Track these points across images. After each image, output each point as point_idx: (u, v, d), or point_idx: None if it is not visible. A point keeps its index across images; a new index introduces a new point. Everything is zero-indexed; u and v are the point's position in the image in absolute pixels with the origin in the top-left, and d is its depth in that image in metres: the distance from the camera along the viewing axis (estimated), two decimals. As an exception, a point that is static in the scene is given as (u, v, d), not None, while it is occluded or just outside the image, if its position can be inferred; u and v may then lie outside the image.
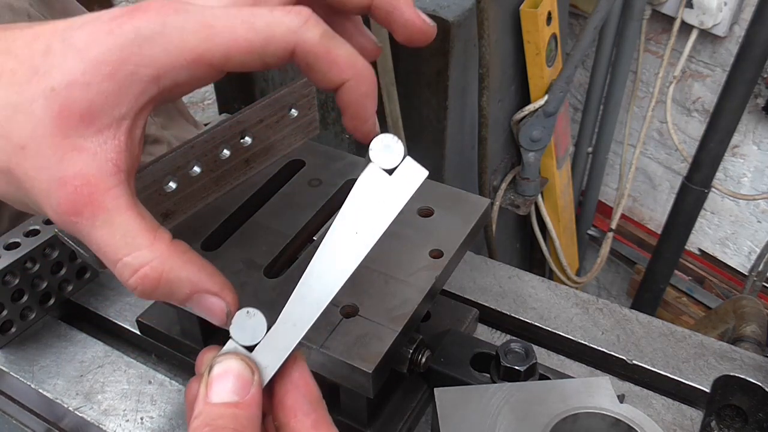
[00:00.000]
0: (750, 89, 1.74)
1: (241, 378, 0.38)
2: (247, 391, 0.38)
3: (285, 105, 0.72)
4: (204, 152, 0.65)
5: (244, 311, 0.41)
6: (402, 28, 0.46)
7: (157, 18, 0.38)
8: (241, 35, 0.38)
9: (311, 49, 0.40)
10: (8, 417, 0.77)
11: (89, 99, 0.37)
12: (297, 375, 0.41)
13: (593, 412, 0.54)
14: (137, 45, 0.37)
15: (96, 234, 0.38)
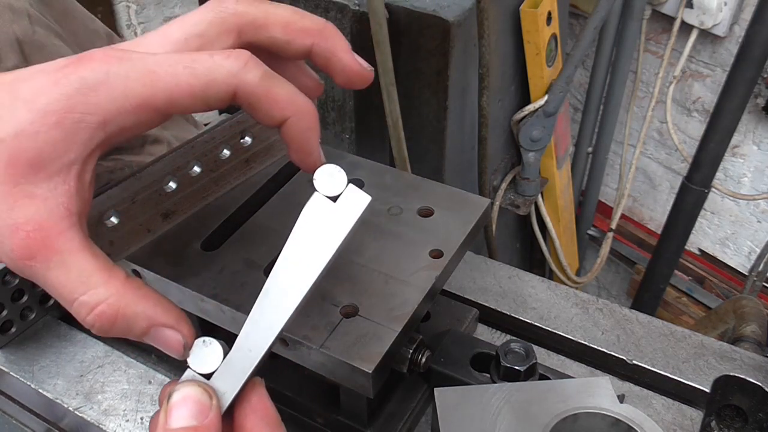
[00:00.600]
0: (750, 89, 1.74)
1: (199, 403, 0.40)
2: (205, 415, 0.39)
3: (285, 105, 0.71)
4: (204, 152, 0.65)
5: (200, 341, 0.42)
6: (341, 73, 0.49)
7: (101, 67, 0.39)
8: (183, 80, 0.40)
9: (252, 90, 0.42)
10: (8, 417, 0.77)
11: (38, 147, 0.39)
12: (255, 399, 0.42)
13: (593, 412, 0.54)
14: (82, 94, 0.39)
15: (51, 276, 0.39)
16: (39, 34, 0.84)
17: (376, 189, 0.72)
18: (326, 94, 1.46)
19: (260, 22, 0.46)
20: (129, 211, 0.60)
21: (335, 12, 1.33)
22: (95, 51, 0.41)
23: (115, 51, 0.41)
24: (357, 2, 1.30)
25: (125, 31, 2.21)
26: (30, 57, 0.84)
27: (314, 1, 1.34)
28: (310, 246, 0.44)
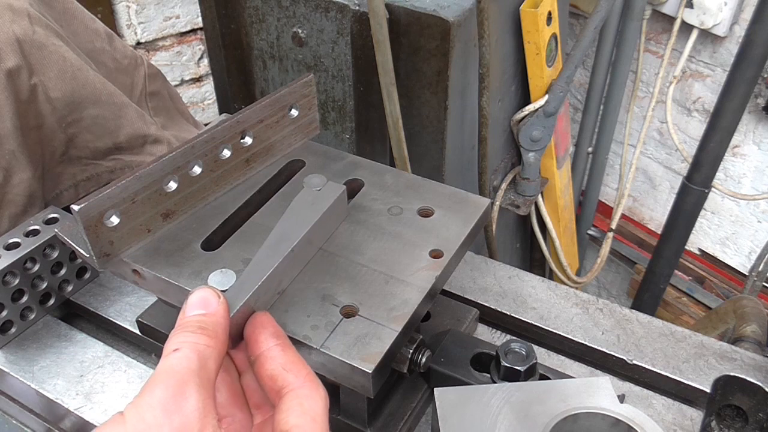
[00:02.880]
0: (750, 89, 1.74)
1: (207, 299, 0.48)
2: (213, 307, 0.47)
3: (285, 105, 0.72)
4: (204, 152, 0.65)
5: (219, 271, 0.57)
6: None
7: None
8: None
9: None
10: (8, 417, 0.77)
11: None
12: (265, 318, 0.50)
13: (593, 412, 0.54)
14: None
15: None
16: (39, 34, 0.84)
17: (376, 189, 0.72)
18: (326, 94, 1.46)
19: None
20: (129, 211, 0.60)
21: (335, 12, 1.33)
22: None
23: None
24: (357, 2, 1.30)
25: (125, 31, 2.21)
26: (30, 57, 0.84)
27: (314, 1, 1.34)
28: (301, 214, 0.62)
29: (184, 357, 0.43)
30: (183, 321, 0.47)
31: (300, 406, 0.44)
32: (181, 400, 0.40)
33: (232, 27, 1.51)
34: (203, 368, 0.43)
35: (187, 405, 0.40)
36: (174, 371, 0.42)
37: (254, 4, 1.44)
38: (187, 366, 0.42)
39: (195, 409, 0.40)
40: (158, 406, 0.40)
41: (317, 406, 0.45)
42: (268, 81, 1.55)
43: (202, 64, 2.46)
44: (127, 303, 0.82)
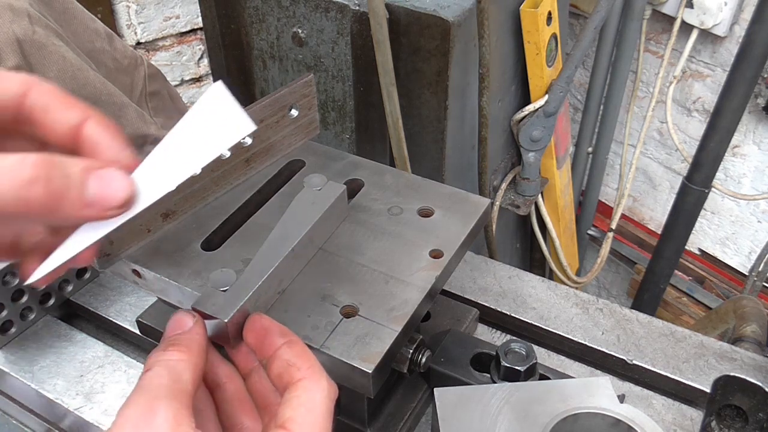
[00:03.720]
0: (750, 89, 1.74)
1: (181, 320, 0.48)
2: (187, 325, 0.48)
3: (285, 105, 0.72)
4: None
5: (218, 271, 0.55)
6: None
7: None
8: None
9: (49, 91, 0.42)
10: (8, 417, 0.77)
11: None
12: (266, 322, 0.50)
13: (593, 412, 0.54)
14: None
15: None
16: (39, 34, 0.84)
17: (376, 189, 0.72)
18: (326, 94, 1.46)
19: None
20: (129, 211, 0.60)
21: (335, 12, 1.33)
22: None
23: None
24: (357, 2, 1.30)
25: (125, 31, 2.21)
26: (30, 57, 0.84)
27: (314, 1, 1.34)
28: (301, 214, 0.62)
29: (155, 374, 0.43)
30: (161, 343, 0.47)
31: (296, 398, 0.44)
32: (151, 415, 0.40)
33: (232, 27, 1.51)
34: (176, 381, 0.43)
35: (156, 419, 0.40)
36: (144, 389, 0.42)
37: (254, 4, 1.44)
38: (158, 382, 0.42)
39: (165, 420, 0.40)
40: (129, 424, 0.40)
41: (315, 397, 0.44)
42: (268, 81, 1.55)
43: (202, 64, 2.46)
44: (127, 303, 0.82)
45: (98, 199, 0.40)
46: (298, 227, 0.61)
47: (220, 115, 0.43)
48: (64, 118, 0.42)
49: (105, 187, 0.40)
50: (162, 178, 0.43)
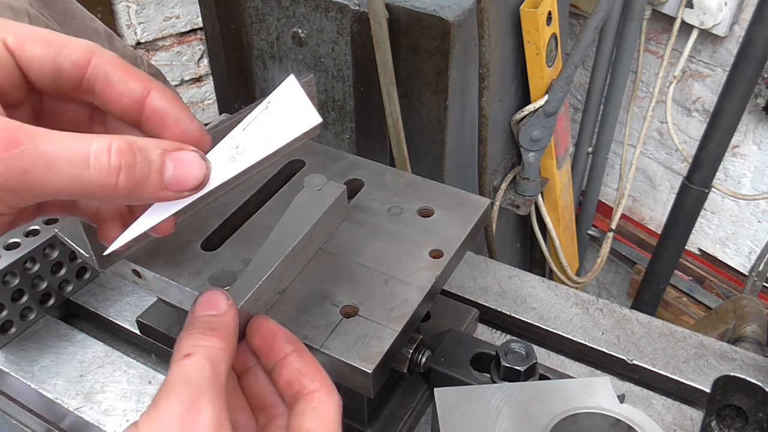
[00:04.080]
0: (750, 89, 1.74)
1: (217, 299, 0.47)
2: (222, 307, 0.46)
3: (285, 105, 0.72)
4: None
5: (218, 271, 0.55)
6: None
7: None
8: (40, 32, 0.41)
9: (110, 60, 0.42)
10: (8, 417, 0.77)
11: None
12: (274, 326, 0.49)
13: (593, 412, 0.54)
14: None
15: (49, 148, 0.37)
16: (39, 34, 0.84)
17: (376, 189, 0.72)
18: (326, 94, 1.46)
19: None
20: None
21: (335, 12, 1.33)
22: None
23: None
24: (357, 2, 1.30)
25: (125, 31, 2.21)
26: (30, 57, 0.84)
27: (314, 1, 1.34)
28: (302, 214, 0.61)
29: (198, 365, 0.42)
30: (193, 321, 0.46)
31: (314, 411, 0.44)
32: (197, 413, 0.40)
33: (232, 27, 1.51)
34: (216, 375, 0.42)
35: (202, 419, 0.40)
36: (189, 381, 0.41)
37: (254, 4, 1.44)
38: (201, 375, 0.42)
39: (209, 423, 0.40)
40: (174, 420, 0.39)
41: (331, 411, 0.45)
42: (268, 81, 1.55)
43: (202, 64, 2.46)
44: (127, 303, 0.82)
45: (175, 181, 0.41)
46: (298, 227, 0.61)
47: (291, 107, 0.46)
48: (128, 89, 0.42)
49: (182, 170, 0.41)
50: (232, 161, 0.45)
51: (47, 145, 0.37)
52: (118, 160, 0.38)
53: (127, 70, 0.42)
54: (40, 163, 0.36)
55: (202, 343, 0.43)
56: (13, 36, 0.40)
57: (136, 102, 0.42)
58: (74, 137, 0.38)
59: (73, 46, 0.41)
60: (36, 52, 0.40)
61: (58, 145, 0.37)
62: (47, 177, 0.37)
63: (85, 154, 0.37)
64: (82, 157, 0.37)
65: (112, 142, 0.38)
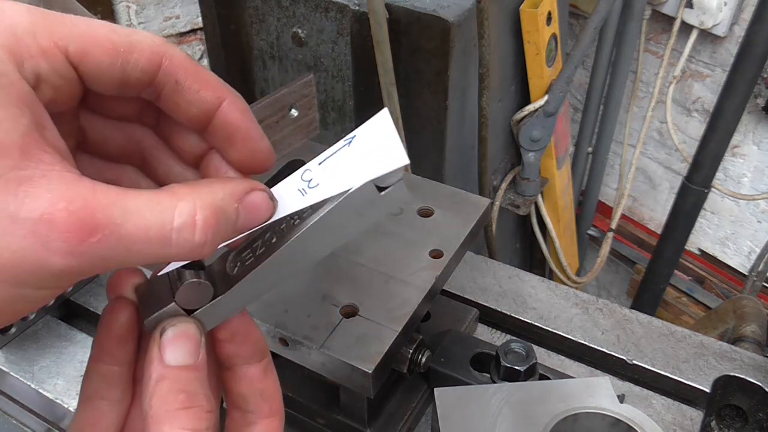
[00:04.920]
0: (750, 89, 1.74)
1: (195, 340, 0.38)
2: (198, 352, 0.38)
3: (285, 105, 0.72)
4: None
5: (195, 281, 0.39)
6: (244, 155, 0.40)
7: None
8: (102, 33, 0.34)
9: (181, 64, 0.37)
10: (8, 417, 0.77)
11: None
12: (249, 329, 0.41)
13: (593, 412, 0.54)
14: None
15: (129, 229, 0.31)
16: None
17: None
18: (326, 94, 1.46)
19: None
20: (129, 211, 0.60)
21: (335, 12, 1.33)
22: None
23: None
24: (357, 2, 1.30)
25: (125, 31, 2.21)
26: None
27: (314, 1, 1.34)
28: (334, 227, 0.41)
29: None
30: (175, 377, 0.36)
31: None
32: None
33: (232, 27, 1.51)
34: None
35: None
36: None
37: (254, 4, 1.44)
38: None
39: None
40: None
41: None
42: (268, 81, 1.55)
43: (202, 64, 2.46)
44: (127, 303, 0.82)
45: (242, 227, 0.37)
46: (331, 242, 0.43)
47: (377, 143, 0.39)
48: (198, 100, 0.38)
49: (251, 215, 0.37)
50: (302, 194, 0.40)
51: (127, 226, 0.31)
52: (203, 236, 0.34)
53: (198, 76, 0.38)
54: (120, 249, 0.31)
55: (202, 426, 0.36)
56: (75, 44, 0.34)
57: (204, 114, 0.38)
58: (154, 203, 0.32)
59: (140, 49, 0.35)
60: (102, 62, 0.34)
61: (137, 221, 0.32)
62: (123, 260, 0.32)
63: (166, 233, 0.32)
64: (163, 238, 0.32)
65: (196, 213, 0.33)
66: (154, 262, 0.34)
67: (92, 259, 0.31)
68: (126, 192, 0.32)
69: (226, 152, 0.40)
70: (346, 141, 0.39)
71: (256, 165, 0.41)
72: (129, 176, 0.43)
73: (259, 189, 0.38)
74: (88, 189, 0.31)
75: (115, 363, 0.40)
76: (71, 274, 0.31)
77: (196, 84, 0.38)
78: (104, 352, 0.40)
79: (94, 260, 0.31)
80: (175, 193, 0.34)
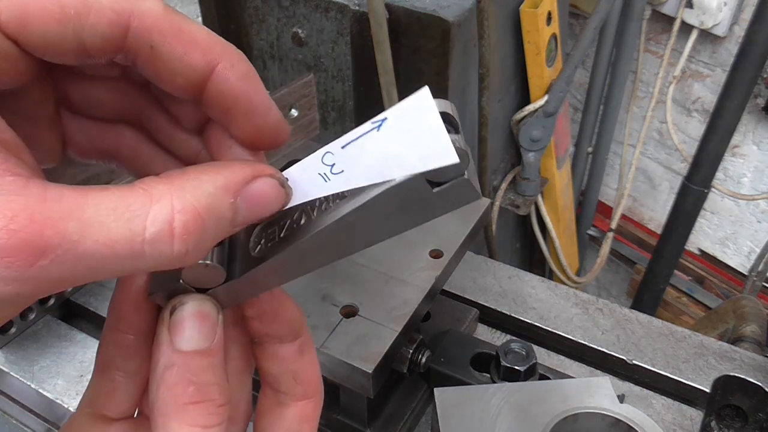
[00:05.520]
0: (750, 89, 1.74)
1: (210, 320, 0.33)
2: (214, 333, 0.33)
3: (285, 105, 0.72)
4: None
5: (202, 263, 0.33)
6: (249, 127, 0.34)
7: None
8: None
9: (155, 24, 0.29)
10: (8, 417, 0.77)
11: None
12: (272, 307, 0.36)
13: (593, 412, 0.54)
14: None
15: (86, 248, 0.26)
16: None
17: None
18: (326, 94, 1.46)
19: None
20: (129, 211, 0.60)
21: (335, 12, 1.33)
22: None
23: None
24: (357, 2, 1.30)
25: (125, 31, 2.21)
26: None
27: (314, 1, 1.34)
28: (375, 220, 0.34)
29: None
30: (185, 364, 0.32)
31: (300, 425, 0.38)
32: None
33: (232, 27, 1.51)
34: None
35: None
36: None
37: (254, 4, 1.44)
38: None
39: None
40: None
41: (316, 422, 0.38)
42: (268, 81, 1.55)
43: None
44: (127, 303, 0.82)
45: (246, 220, 0.31)
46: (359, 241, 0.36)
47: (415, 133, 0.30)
48: (183, 67, 0.30)
49: (256, 207, 0.31)
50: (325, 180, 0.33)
51: (87, 242, 0.25)
52: (183, 246, 0.28)
53: (181, 37, 0.30)
54: (80, 268, 0.26)
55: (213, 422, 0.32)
56: (8, 11, 0.27)
57: (193, 84, 0.31)
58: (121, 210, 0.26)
59: (98, 10, 0.28)
60: (48, 29, 0.28)
61: (99, 235, 0.26)
62: (87, 278, 0.27)
63: (137, 247, 0.27)
64: (133, 252, 0.27)
65: (174, 218, 0.27)
66: (128, 274, 0.30)
67: (46, 283, 0.26)
68: (86, 196, 0.26)
69: (227, 126, 0.34)
70: (374, 124, 0.31)
71: (264, 141, 0.34)
72: (127, 141, 0.36)
73: (267, 174, 0.31)
74: (35, 198, 0.25)
75: (131, 331, 0.35)
76: (21, 299, 0.26)
77: (179, 47, 0.30)
78: (119, 319, 0.35)
79: (50, 283, 0.26)
80: (150, 192, 0.27)
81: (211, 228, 0.29)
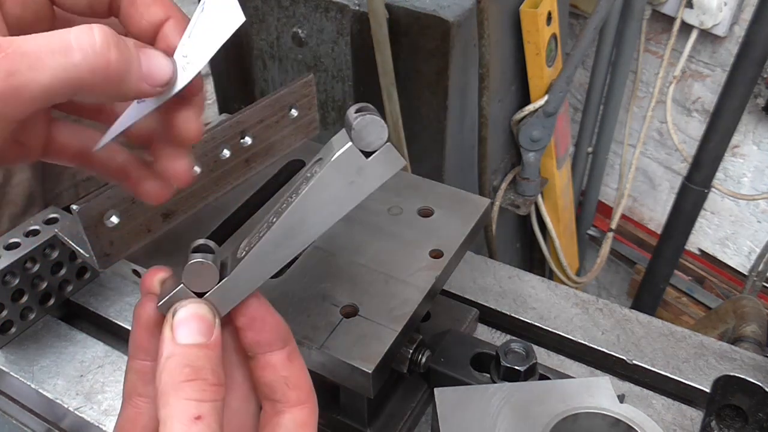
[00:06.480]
0: (750, 89, 1.74)
1: (206, 320, 0.40)
2: (211, 332, 0.39)
3: (285, 105, 0.72)
4: (204, 152, 0.65)
5: (198, 261, 0.40)
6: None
7: None
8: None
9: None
10: (8, 417, 0.77)
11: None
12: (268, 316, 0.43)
13: (593, 412, 0.54)
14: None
15: (28, 48, 0.35)
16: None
17: (376, 189, 0.72)
18: (326, 94, 1.46)
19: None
20: (129, 211, 0.60)
21: (335, 12, 1.33)
22: None
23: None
24: (357, 2, 1.30)
25: (125, 31, 2.21)
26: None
27: (314, 1, 1.34)
28: (327, 198, 0.41)
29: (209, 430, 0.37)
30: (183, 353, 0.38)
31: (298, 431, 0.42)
32: None
33: (232, 27, 1.51)
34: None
35: None
36: None
37: (254, 4, 1.44)
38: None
39: None
40: None
41: (314, 429, 0.42)
42: (268, 81, 1.55)
43: (202, 64, 2.46)
44: (127, 303, 0.82)
45: (149, 73, 0.39)
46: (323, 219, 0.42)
47: (219, 5, 0.41)
48: (149, 12, 0.41)
49: (152, 63, 0.39)
50: (183, 70, 0.42)
51: (29, 44, 0.35)
52: (103, 36, 0.36)
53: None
54: (25, 62, 0.34)
55: (207, 397, 0.37)
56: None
57: (154, 27, 0.41)
58: (57, 32, 0.36)
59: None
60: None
61: (40, 40, 0.35)
62: (34, 75, 0.35)
63: (66, 40, 0.35)
64: (64, 45, 0.35)
65: (92, 25, 0.36)
66: (65, 77, 0.35)
67: (5, 82, 0.33)
68: (26, 38, 0.35)
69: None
70: (200, 7, 0.41)
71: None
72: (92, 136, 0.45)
73: (155, 48, 0.41)
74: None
75: (148, 358, 0.42)
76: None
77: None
78: (137, 348, 0.42)
79: (2, 75, 0.33)
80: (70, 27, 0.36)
81: (122, 43, 0.37)
